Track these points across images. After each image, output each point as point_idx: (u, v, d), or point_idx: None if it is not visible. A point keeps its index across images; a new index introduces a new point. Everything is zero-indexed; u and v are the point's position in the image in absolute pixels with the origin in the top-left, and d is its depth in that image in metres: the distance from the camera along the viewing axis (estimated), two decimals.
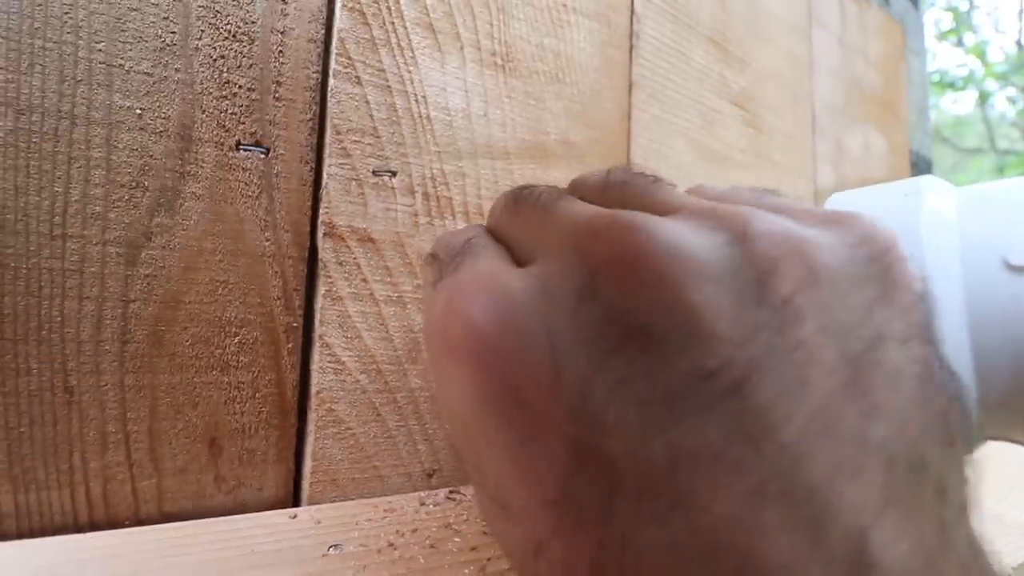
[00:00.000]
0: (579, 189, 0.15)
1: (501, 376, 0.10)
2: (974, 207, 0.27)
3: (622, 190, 0.14)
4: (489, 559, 0.20)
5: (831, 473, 0.09)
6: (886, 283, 0.11)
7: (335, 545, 0.19)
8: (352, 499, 0.22)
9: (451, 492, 0.23)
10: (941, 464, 0.10)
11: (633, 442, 0.09)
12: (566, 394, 0.09)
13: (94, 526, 0.18)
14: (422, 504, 0.22)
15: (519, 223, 0.14)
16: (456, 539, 0.21)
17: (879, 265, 0.11)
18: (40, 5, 0.17)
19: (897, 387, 0.10)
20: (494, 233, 0.15)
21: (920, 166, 0.62)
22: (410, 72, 0.24)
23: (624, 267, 0.10)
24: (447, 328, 0.11)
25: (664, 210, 0.12)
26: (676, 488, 0.09)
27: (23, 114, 0.17)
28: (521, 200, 0.15)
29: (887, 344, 0.10)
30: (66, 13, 0.18)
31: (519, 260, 0.13)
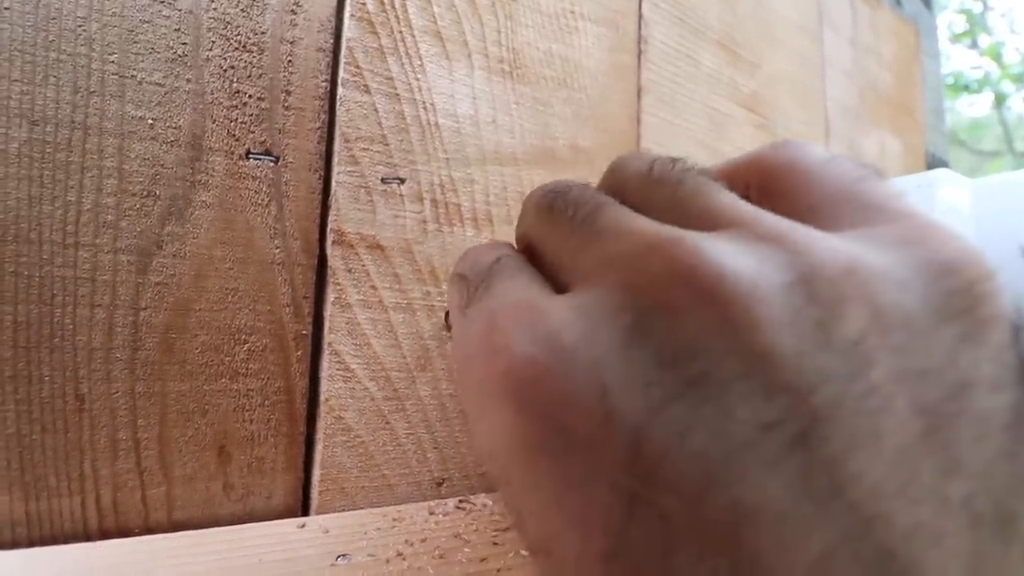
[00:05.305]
0: (619, 182, 0.14)
1: (549, 420, 0.09)
2: (988, 197, 0.27)
3: (672, 191, 0.12)
4: (499, 570, 0.20)
5: (908, 536, 0.08)
6: (973, 321, 0.10)
7: (343, 555, 0.19)
8: (361, 508, 0.21)
9: (461, 502, 0.23)
10: None
11: (691, 498, 0.08)
12: (618, 443, 0.09)
13: (104, 534, 0.18)
14: (431, 514, 0.22)
15: (555, 236, 0.13)
16: (466, 549, 0.20)
17: (965, 300, 0.10)
18: (54, 18, 0.18)
19: (982, 438, 0.09)
20: (526, 243, 0.14)
21: (936, 168, 0.61)
22: (418, 80, 0.25)
23: (684, 308, 0.09)
24: (486, 364, 0.10)
25: (716, 223, 0.11)
26: (738, 549, 0.08)
27: (37, 125, 0.17)
28: (556, 209, 0.13)
29: (973, 391, 0.09)
30: (79, 26, 0.18)
31: (554, 280, 0.12)
